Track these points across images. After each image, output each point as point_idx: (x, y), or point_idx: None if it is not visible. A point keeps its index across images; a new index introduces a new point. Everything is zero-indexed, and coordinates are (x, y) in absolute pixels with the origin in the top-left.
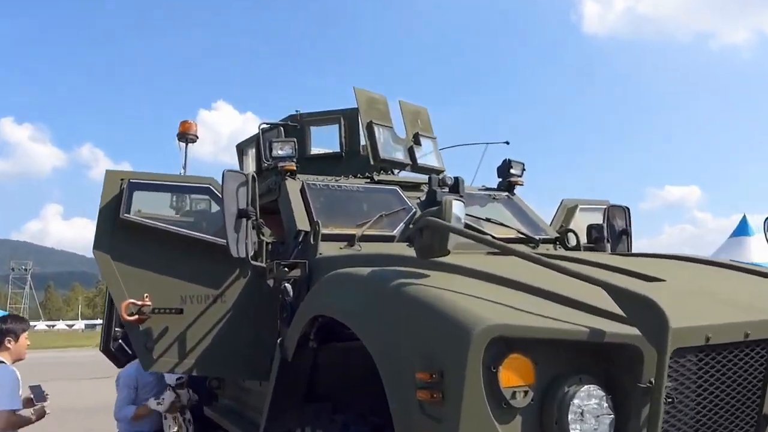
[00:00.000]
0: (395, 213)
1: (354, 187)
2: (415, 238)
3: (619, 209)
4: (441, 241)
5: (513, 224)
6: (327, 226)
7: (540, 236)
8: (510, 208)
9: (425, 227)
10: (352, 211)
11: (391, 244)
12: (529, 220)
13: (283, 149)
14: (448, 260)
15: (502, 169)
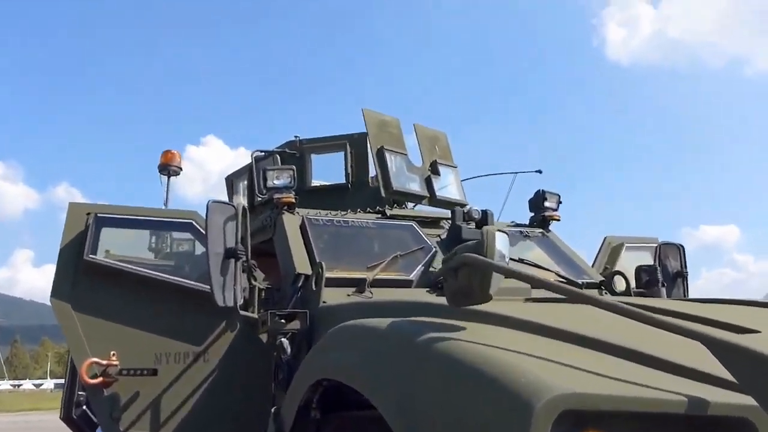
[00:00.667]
0: (412, 253)
1: (363, 223)
2: (447, 281)
3: (672, 247)
4: (482, 284)
5: (550, 266)
6: (332, 269)
7: (583, 280)
8: (545, 247)
9: (462, 266)
10: (362, 251)
11: (408, 290)
12: (569, 261)
13: (279, 179)
14: (486, 308)
15: (534, 201)
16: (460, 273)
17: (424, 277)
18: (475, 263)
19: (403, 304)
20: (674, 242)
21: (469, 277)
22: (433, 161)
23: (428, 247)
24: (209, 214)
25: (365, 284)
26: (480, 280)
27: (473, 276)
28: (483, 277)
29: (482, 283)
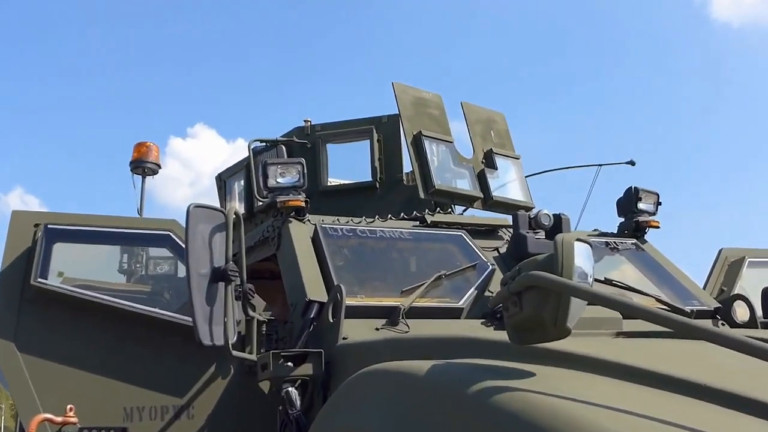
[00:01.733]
0: (461, 272)
1: (395, 234)
2: (509, 309)
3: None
4: (556, 313)
5: (647, 288)
6: (354, 294)
7: (692, 306)
8: (640, 263)
9: (528, 289)
10: (394, 271)
11: (457, 323)
12: (672, 282)
13: (284, 176)
14: (563, 347)
15: (625, 203)
16: (525, 299)
17: (478, 304)
18: (547, 285)
19: (450, 341)
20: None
21: (539, 304)
22: (488, 151)
23: (483, 264)
24: (190, 223)
25: (399, 314)
26: (553, 307)
27: (544, 302)
28: (557, 304)
29: (556, 312)
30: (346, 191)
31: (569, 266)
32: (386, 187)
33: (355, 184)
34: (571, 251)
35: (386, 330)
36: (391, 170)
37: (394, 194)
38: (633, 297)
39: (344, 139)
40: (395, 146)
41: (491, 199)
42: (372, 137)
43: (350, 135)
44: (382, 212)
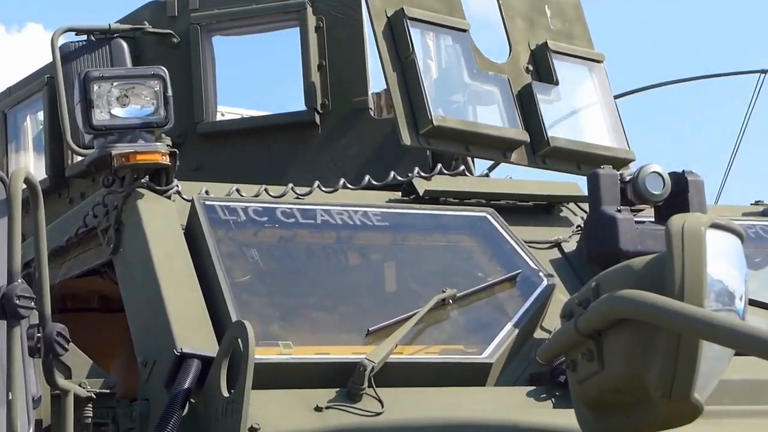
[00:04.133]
0: (486, 292)
1: (354, 218)
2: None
3: None
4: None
5: None
6: (274, 341)
7: None
8: None
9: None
10: (352, 291)
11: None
12: None
13: (127, 102)
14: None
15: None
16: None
17: (521, 355)
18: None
19: None
20: None
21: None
22: (539, 46)
23: (530, 275)
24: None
25: (363, 379)
26: (667, 363)
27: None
28: (674, 356)
29: (673, 370)
30: (255, 132)
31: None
32: (335, 122)
33: (273, 117)
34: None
35: (339, 411)
36: (345, 90)
37: (350, 137)
38: None
39: (247, 27)
40: (352, 40)
41: (547, 145)
42: (304, 22)
43: (261, 18)
44: (326, 174)
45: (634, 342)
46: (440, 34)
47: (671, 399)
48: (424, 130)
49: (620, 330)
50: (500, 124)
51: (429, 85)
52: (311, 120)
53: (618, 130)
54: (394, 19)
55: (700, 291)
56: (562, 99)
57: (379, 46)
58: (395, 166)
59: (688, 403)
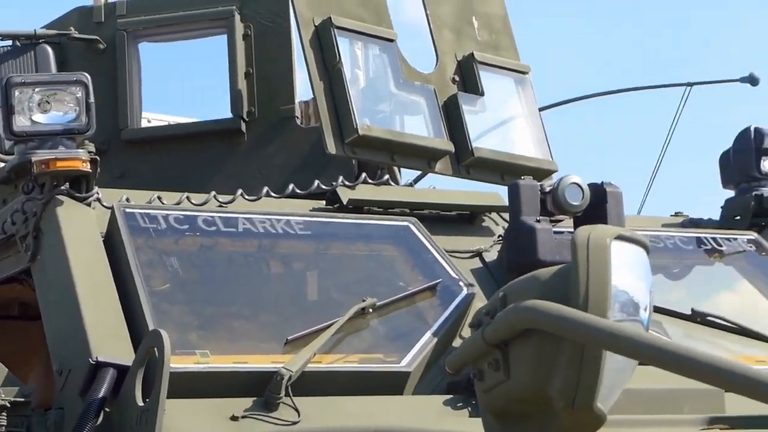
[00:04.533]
0: (406, 301)
1: (277, 226)
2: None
3: None
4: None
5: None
6: (192, 350)
7: None
8: (763, 278)
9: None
10: (272, 300)
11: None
12: None
13: (49, 109)
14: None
15: (734, 161)
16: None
17: (440, 364)
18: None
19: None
20: None
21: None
22: (465, 57)
23: (451, 284)
24: None
25: (280, 387)
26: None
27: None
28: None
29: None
30: (180, 139)
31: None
32: (261, 130)
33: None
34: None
35: (255, 420)
36: (272, 97)
37: (276, 145)
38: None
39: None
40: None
41: (471, 156)
42: (232, 30)
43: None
44: (251, 182)
45: (539, 352)
46: (367, 44)
47: (574, 409)
48: (350, 139)
49: (526, 340)
50: (425, 134)
51: (355, 95)
52: (237, 128)
53: (542, 142)
54: (321, 28)
55: (604, 302)
56: (487, 110)
57: (306, 54)
58: (321, 174)
59: (591, 413)
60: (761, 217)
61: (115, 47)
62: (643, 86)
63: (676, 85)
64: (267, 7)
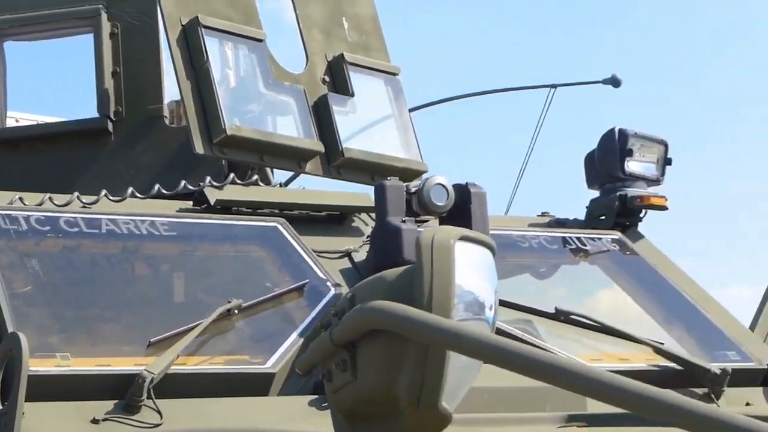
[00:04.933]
0: (273, 302)
1: (141, 227)
2: (333, 376)
3: None
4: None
5: (641, 326)
6: (52, 352)
7: (724, 364)
8: (629, 278)
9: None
10: (135, 301)
11: (263, 403)
12: (691, 314)
13: None
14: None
15: (599, 162)
16: (362, 355)
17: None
18: (399, 328)
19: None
20: None
21: (387, 365)
22: (335, 58)
23: (318, 285)
24: None
25: (142, 390)
26: (415, 372)
27: (396, 363)
28: (422, 365)
29: (420, 379)
30: (46, 139)
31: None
32: (129, 130)
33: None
34: (448, 261)
35: (116, 423)
36: (139, 97)
37: (144, 145)
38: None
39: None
40: (147, 48)
41: (341, 156)
42: (99, 29)
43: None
44: (118, 182)
45: (386, 353)
46: (236, 44)
47: (419, 408)
48: (218, 139)
49: (373, 341)
50: (295, 134)
51: (224, 95)
52: (104, 127)
53: (411, 142)
54: (188, 28)
55: (447, 302)
56: (357, 111)
57: (173, 54)
58: (191, 175)
59: (436, 412)
60: (625, 216)
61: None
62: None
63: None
64: (134, 6)
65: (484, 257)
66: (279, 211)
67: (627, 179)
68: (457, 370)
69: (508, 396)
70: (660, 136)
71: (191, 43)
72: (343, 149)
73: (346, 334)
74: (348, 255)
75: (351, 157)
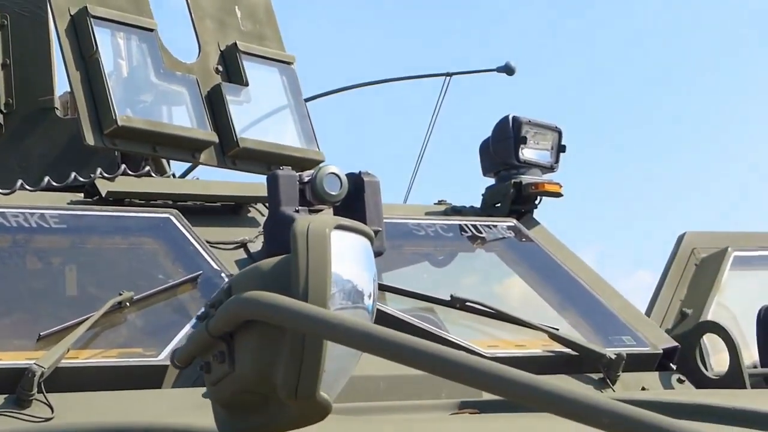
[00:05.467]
0: (166, 294)
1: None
2: (211, 368)
3: None
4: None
5: (535, 311)
6: None
7: (619, 349)
8: (524, 264)
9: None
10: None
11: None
12: (586, 299)
13: None
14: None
15: (494, 149)
16: (240, 346)
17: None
18: (275, 319)
19: None
20: None
21: (265, 355)
22: (228, 47)
23: (211, 276)
24: None
25: (31, 384)
26: (291, 362)
27: (273, 353)
28: (299, 356)
29: (297, 369)
30: None
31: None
32: (20, 122)
33: None
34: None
35: (6, 418)
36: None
37: (36, 138)
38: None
39: None
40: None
41: (236, 146)
42: None
43: None
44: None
45: (262, 343)
46: (126, 34)
47: (297, 399)
48: (108, 130)
49: (249, 331)
50: (189, 124)
51: (115, 85)
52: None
53: (308, 132)
54: (77, 18)
55: (323, 291)
56: (252, 100)
57: (62, 44)
58: (84, 167)
59: (315, 402)
60: (520, 204)
61: None
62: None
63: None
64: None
65: (362, 245)
66: (172, 203)
67: (522, 166)
68: (336, 358)
69: (404, 383)
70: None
71: (80, 33)
72: (238, 139)
73: (222, 325)
74: (243, 246)
75: (246, 147)
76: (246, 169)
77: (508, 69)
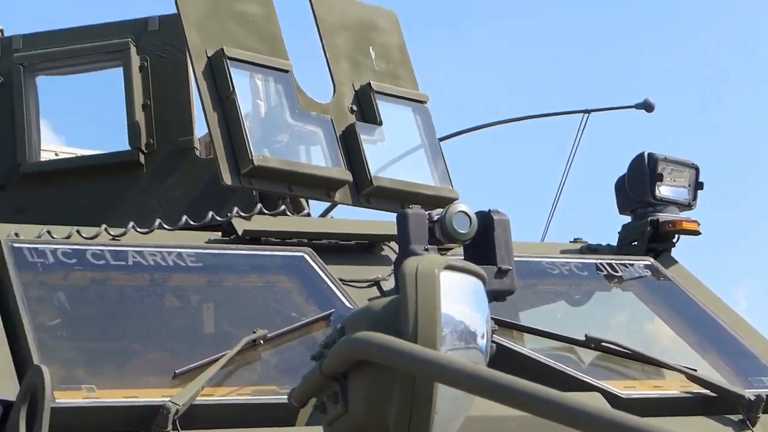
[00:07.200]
0: (299, 332)
1: (168, 259)
2: (327, 408)
3: None
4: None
5: (674, 352)
6: (77, 384)
7: (761, 390)
8: (662, 304)
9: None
10: (162, 332)
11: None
12: (725, 340)
13: None
14: None
15: (630, 187)
16: (353, 386)
17: None
18: (384, 360)
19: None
20: None
21: (376, 396)
22: (363, 87)
23: (345, 312)
24: None
25: (167, 422)
26: (403, 403)
27: (384, 393)
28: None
29: (409, 411)
30: (79, 172)
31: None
32: (160, 162)
33: (97, 157)
34: (433, 290)
35: None
36: (170, 129)
37: (176, 178)
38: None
39: (72, 67)
40: (176, 80)
41: (370, 185)
42: (128, 62)
43: (84, 58)
44: (151, 215)
45: (374, 384)
46: (262, 75)
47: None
48: (245, 170)
49: (361, 372)
50: (323, 163)
51: (251, 125)
52: (135, 160)
53: (441, 170)
54: (214, 59)
55: (433, 332)
56: (386, 139)
57: (199, 86)
58: (222, 206)
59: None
60: (657, 242)
61: (12, 81)
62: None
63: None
64: (162, 39)
65: (473, 286)
66: (307, 241)
67: (658, 204)
68: (448, 399)
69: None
70: (691, 160)
71: (217, 74)
72: (372, 178)
73: (335, 366)
74: (377, 284)
75: (380, 185)
76: (380, 208)
77: (647, 106)
